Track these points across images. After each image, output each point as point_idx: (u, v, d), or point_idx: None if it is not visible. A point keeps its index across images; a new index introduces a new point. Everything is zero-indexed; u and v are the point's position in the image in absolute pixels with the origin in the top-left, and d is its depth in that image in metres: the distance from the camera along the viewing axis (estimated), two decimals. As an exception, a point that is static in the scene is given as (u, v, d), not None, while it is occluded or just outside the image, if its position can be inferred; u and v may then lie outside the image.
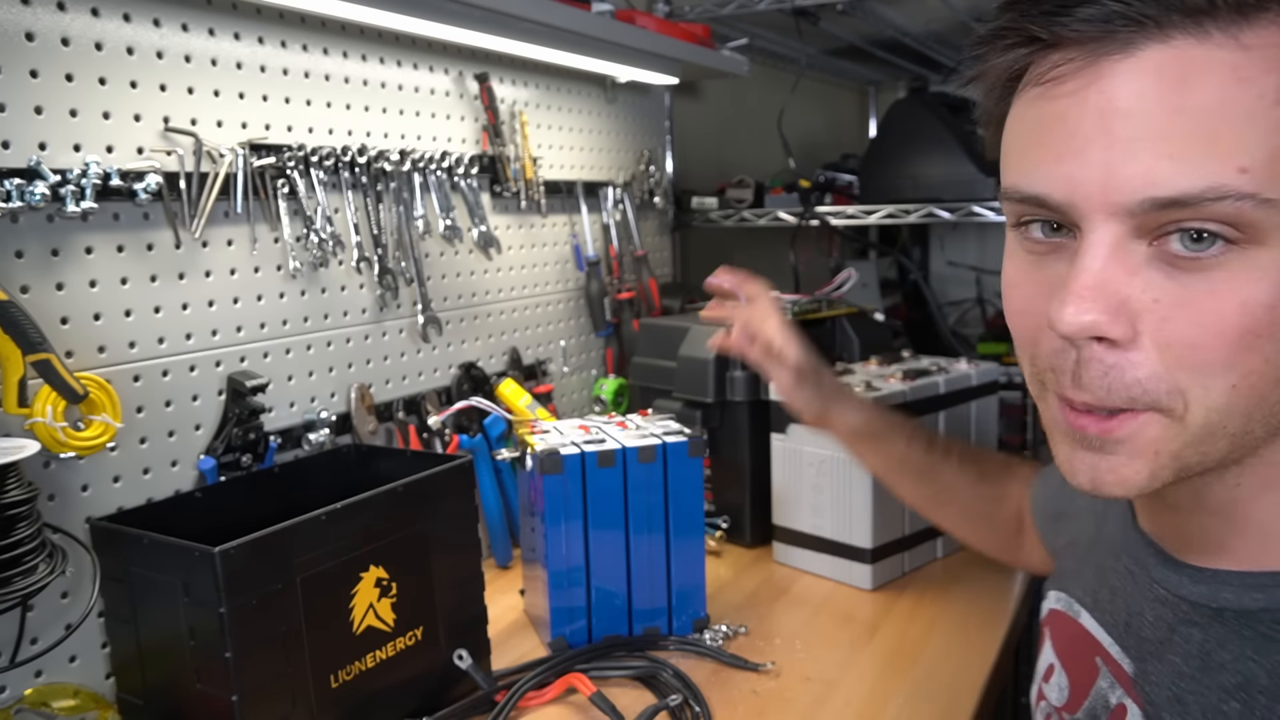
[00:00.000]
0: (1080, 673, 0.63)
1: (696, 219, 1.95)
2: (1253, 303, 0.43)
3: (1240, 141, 0.42)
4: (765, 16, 1.82)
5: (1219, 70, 0.42)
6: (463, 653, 0.94)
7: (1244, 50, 0.42)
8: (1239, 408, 0.46)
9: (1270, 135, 0.42)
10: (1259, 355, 0.44)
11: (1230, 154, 0.42)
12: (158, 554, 0.80)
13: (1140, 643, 0.57)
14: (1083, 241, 0.46)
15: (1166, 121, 0.43)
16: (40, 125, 0.87)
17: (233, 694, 0.76)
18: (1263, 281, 0.43)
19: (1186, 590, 0.55)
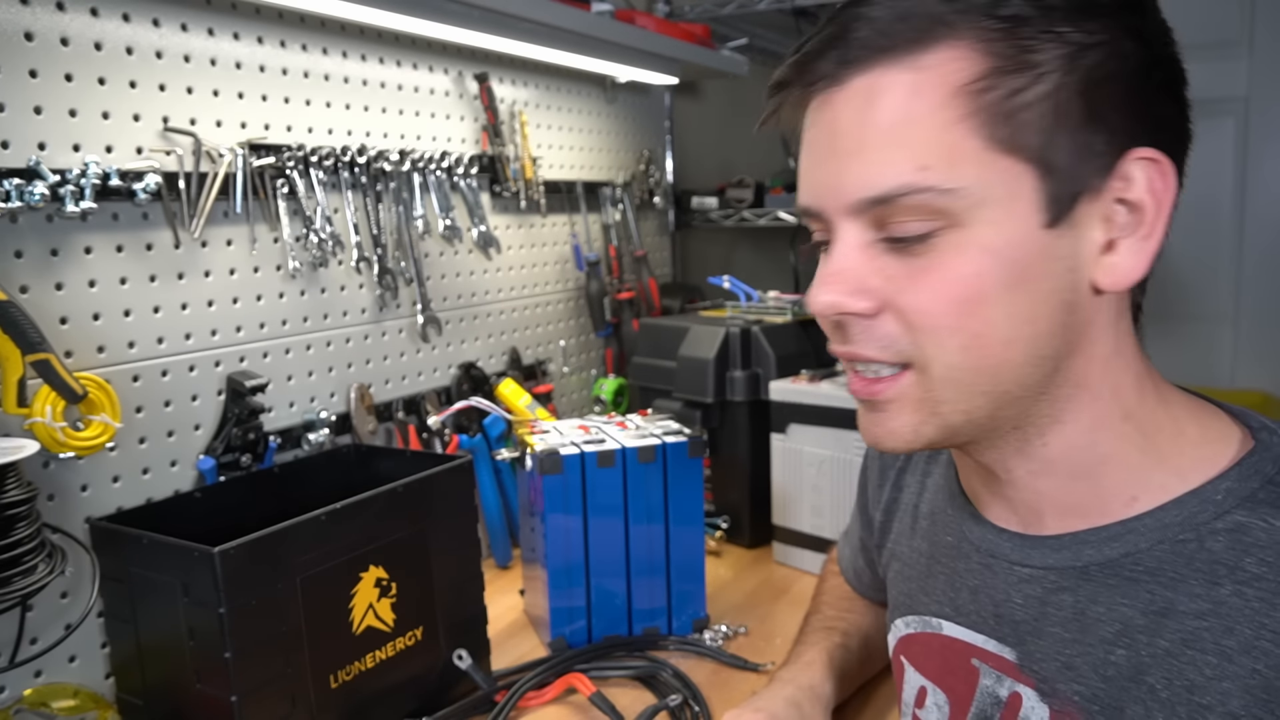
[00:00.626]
0: (958, 683, 0.64)
1: (696, 219, 1.94)
2: (962, 273, 0.52)
3: (919, 145, 0.51)
4: (765, 16, 1.82)
5: (899, 88, 0.52)
6: (462, 653, 0.94)
7: (920, 71, 0.51)
8: (976, 365, 0.53)
9: (941, 135, 0.51)
10: (980, 318, 0.52)
11: (913, 156, 0.52)
12: (157, 554, 0.80)
13: (1015, 627, 0.59)
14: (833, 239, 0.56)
15: (866, 135, 0.53)
16: (40, 125, 0.87)
17: (232, 694, 0.76)
18: (966, 255, 0.52)
19: (1050, 559, 0.58)
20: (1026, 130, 0.51)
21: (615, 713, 0.90)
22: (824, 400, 1.21)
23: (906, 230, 0.53)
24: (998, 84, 0.50)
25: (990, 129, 0.51)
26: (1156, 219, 0.52)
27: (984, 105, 0.50)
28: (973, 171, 0.51)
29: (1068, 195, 0.51)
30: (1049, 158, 0.51)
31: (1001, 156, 0.51)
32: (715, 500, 1.38)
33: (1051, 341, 0.53)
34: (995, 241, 0.52)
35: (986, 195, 0.51)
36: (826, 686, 0.85)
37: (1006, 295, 0.52)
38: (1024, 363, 0.54)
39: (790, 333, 1.38)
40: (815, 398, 1.22)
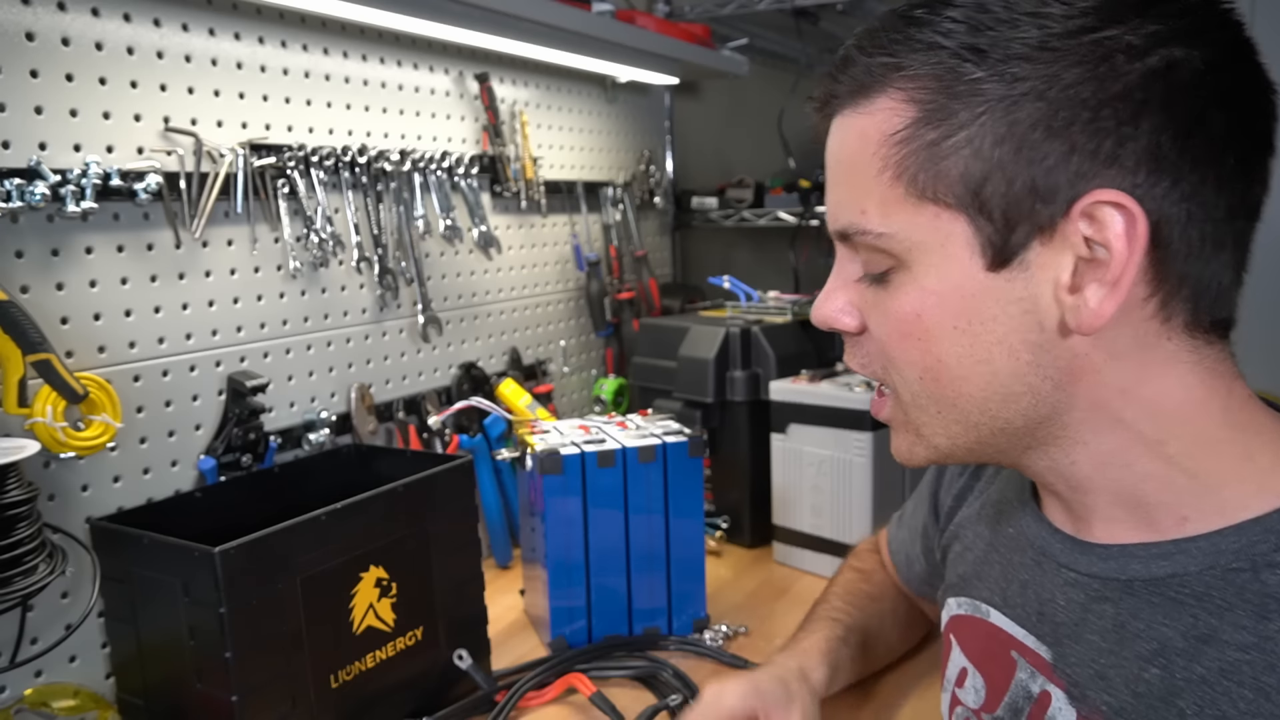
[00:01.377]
0: (996, 670, 0.64)
1: (696, 219, 1.95)
2: (902, 311, 0.55)
3: (860, 189, 0.55)
4: (765, 16, 1.82)
5: (854, 132, 0.55)
6: (463, 653, 0.94)
7: (870, 116, 0.54)
8: (935, 396, 0.56)
9: (872, 182, 0.54)
10: (930, 355, 0.55)
11: (857, 199, 0.55)
12: (158, 554, 0.80)
13: (1055, 628, 0.60)
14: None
15: (833, 173, 0.58)
16: (40, 125, 0.87)
17: (233, 694, 0.76)
18: (907, 295, 0.55)
19: (1096, 568, 0.58)
20: (949, 179, 0.51)
21: (615, 713, 0.90)
22: (824, 400, 1.21)
23: (869, 264, 0.57)
24: (918, 134, 0.52)
25: (911, 178, 0.52)
26: (1126, 264, 0.49)
27: (905, 155, 0.52)
28: (901, 218, 0.53)
29: (1008, 239, 0.51)
30: (979, 203, 0.51)
31: (926, 204, 0.52)
32: (715, 500, 1.38)
33: (1020, 380, 0.53)
34: (935, 283, 0.53)
35: (919, 240, 0.53)
36: (818, 674, 0.85)
37: (952, 334, 0.54)
38: (986, 398, 0.55)
39: (790, 333, 1.38)
40: (815, 398, 1.22)
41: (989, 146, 0.50)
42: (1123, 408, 0.54)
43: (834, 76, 0.56)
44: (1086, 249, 0.50)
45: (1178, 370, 0.53)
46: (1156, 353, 0.53)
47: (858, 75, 0.54)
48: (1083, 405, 0.54)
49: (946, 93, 0.51)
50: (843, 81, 0.55)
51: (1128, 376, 0.53)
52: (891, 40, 0.53)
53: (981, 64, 0.50)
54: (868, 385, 1.20)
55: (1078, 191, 0.49)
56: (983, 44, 0.50)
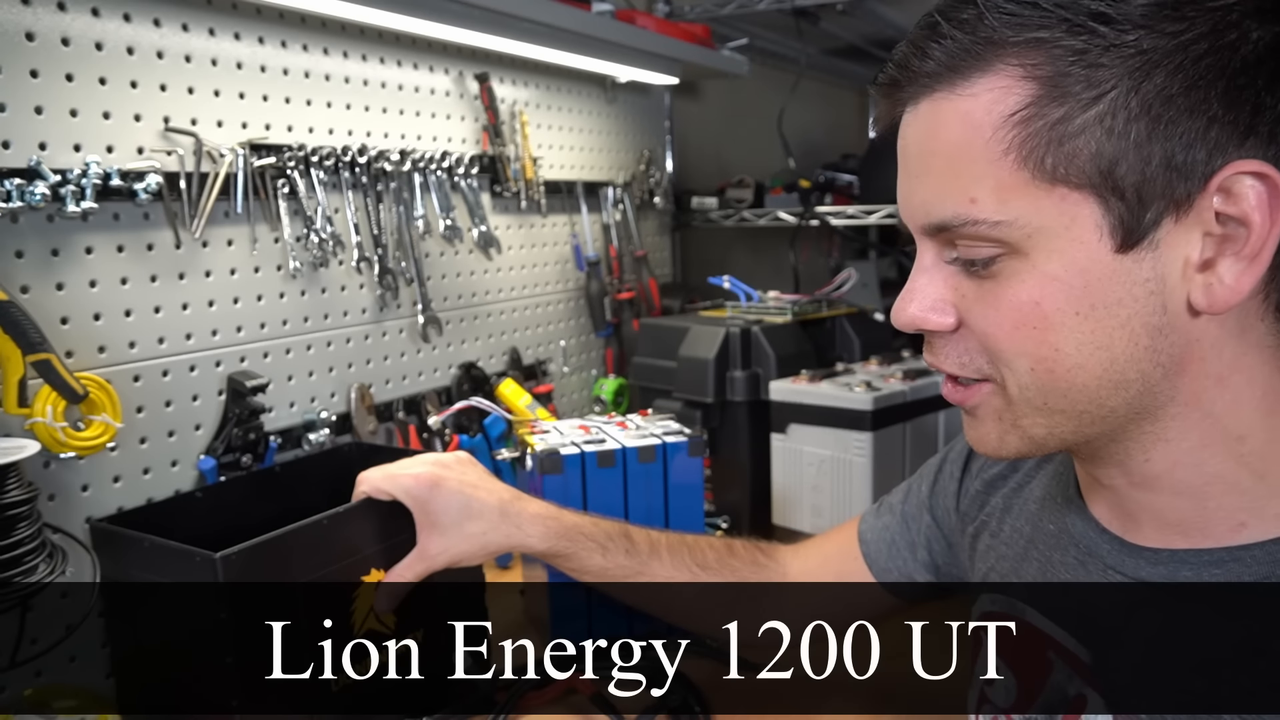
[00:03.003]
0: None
1: (696, 219, 1.95)
2: (1020, 300, 0.52)
3: (971, 176, 0.51)
4: (765, 16, 1.82)
5: (956, 117, 0.51)
6: (463, 653, 0.94)
7: (974, 98, 0.50)
8: (1047, 387, 0.53)
9: (990, 166, 0.50)
10: (1046, 344, 0.52)
11: (965, 188, 0.51)
12: (159, 557, 0.79)
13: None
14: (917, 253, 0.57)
15: (925, 163, 0.54)
16: (40, 125, 0.87)
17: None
18: (1025, 283, 0.52)
19: (1145, 572, 0.56)
20: (1079, 158, 0.48)
21: (615, 713, 0.90)
22: (824, 400, 1.21)
23: (971, 255, 0.53)
24: (1043, 112, 0.49)
25: (1037, 159, 0.49)
26: (1267, 238, 0.47)
27: (1029, 135, 0.49)
28: (1023, 203, 0.50)
29: (1142, 218, 0.49)
30: (1111, 183, 0.48)
31: (1053, 186, 0.49)
32: (715, 500, 1.38)
33: (1135, 365, 0.52)
34: (1057, 269, 0.51)
35: (1042, 225, 0.50)
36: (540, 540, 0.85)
37: (1074, 321, 0.51)
38: (1099, 386, 0.52)
39: (790, 333, 1.38)
40: (815, 398, 1.22)
41: (1123, 123, 0.47)
42: (1216, 398, 0.52)
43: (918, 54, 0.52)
44: (1217, 225, 0.48)
45: (1264, 356, 0.52)
46: (1251, 335, 0.52)
47: (953, 52, 0.50)
48: (1181, 398, 0.53)
49: (1068, 67, 0.48)
50: (934, 59, 0.51)
51: (1227, 362, 0.52)
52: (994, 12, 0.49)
53: (1103, 35, 0.47)
54: (868, 385, 1.20)
55: (1215, 165, 0.47)
56: (1102, 9, 0.47)
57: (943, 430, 1.27)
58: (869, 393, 1.18)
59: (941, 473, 0.82)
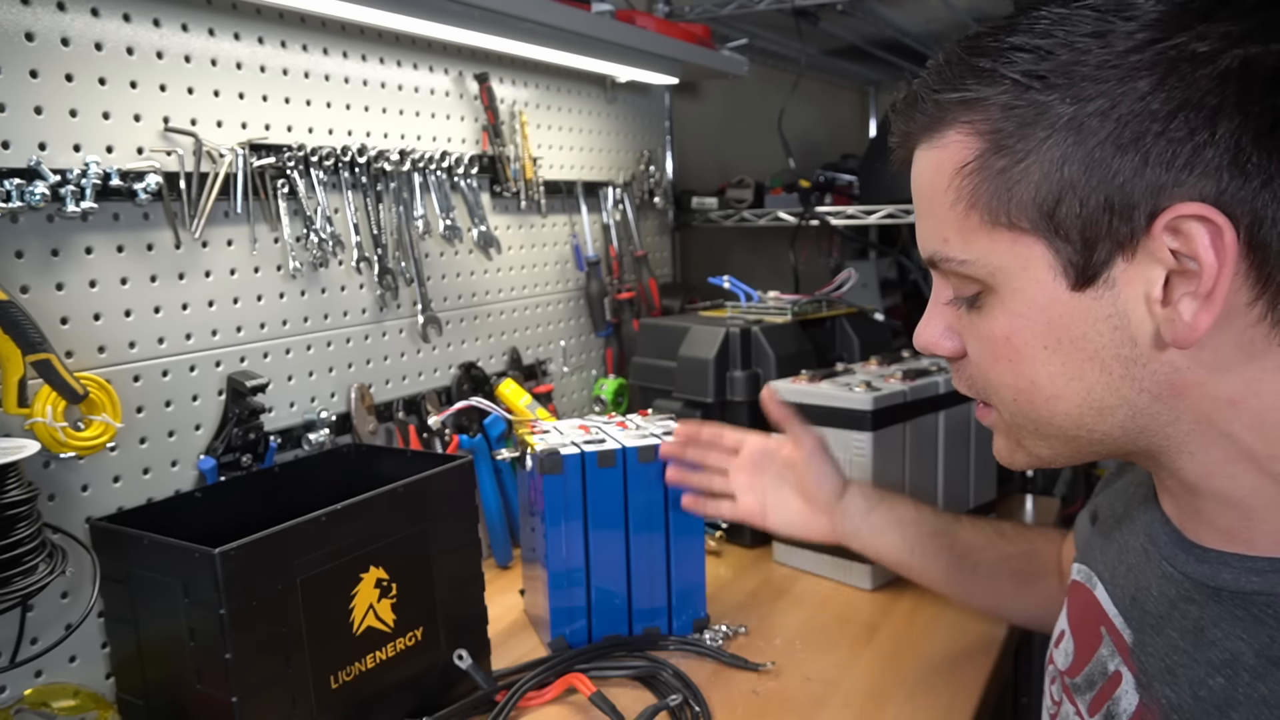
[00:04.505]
0: (1086, 640, 0.66)
1: (696, 219, 1.95)
2: (992, 334, 0.57)
3: (940, 219, 0.56)
4: (765, 16, 1.82)
5: (930, 166, 0.56)
6: (462, 653, 0.94)
7: (943, 149, 0.55)
8: (1031, 414, 0.57)
9: (949, 213, 0.55)
10: (1022, 376, 0.56)
11: (938, 229, 0.57)
12: (158, 555, 0.80)
13: (1142, 615, 0.60)
14: None
15: (918, 203, 0.59)
16: (40, 125, 0.87)
17: (232, 695, 0.76)
18: (995, 319, 0.56)
19: (1190, 568, 0.58)
20: (1021, 203, 0.52)
21: (615, 713, 0.90)
22: (824, 400, 1.21)
23: (959, 290, 0.58)
24: (987, 164, 0.53)
25: (985, 206, 0.54)
26: (1217, 276, 0.48)
27: (976, 185, 0.54)
28: (982, 245, 0.55)
29: (1090, 258, 0.51)
30: (1054, 225, 0.51)
31: (1001, 230, 0.53)
32: (715, 500, 1.38)
33: (1115, 394, 0.54)
34: (1021, 307, 0.55)
35: (1000, 265, 0.54)
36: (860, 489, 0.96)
37: (1043, 354, 0.55)
38: (1081, 414, 0.55)
39: (790, 333, 1.38)
40: (815, 398, 1.22)
41: (1057, 168, 0.50)
42: (1230, 420, 0.53)
43: (907, 115, 0.58)
44: (1175, 261, 0.49)
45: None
46: (1266, 360, 0.51)
47: (927, 112, 0.56)
48: (1188, 418, 0.53)
49: (1013, 121, 0.52)
50: (915, 119, 0.57)
51: (1235, 388, 0.52)
52: (956, 75, 0.54)
53: (1046, 89, 0.50)
54: (868, 386, 1.20)
55: (1158, 205, 0.49)
56: (1045, 69, 0.50)
57: (943, 430, 1.27)
58: (869, 393, 1.18)
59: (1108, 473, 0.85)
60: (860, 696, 0.95)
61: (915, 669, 0.99)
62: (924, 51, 2.17)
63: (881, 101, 2.88)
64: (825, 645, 1.05)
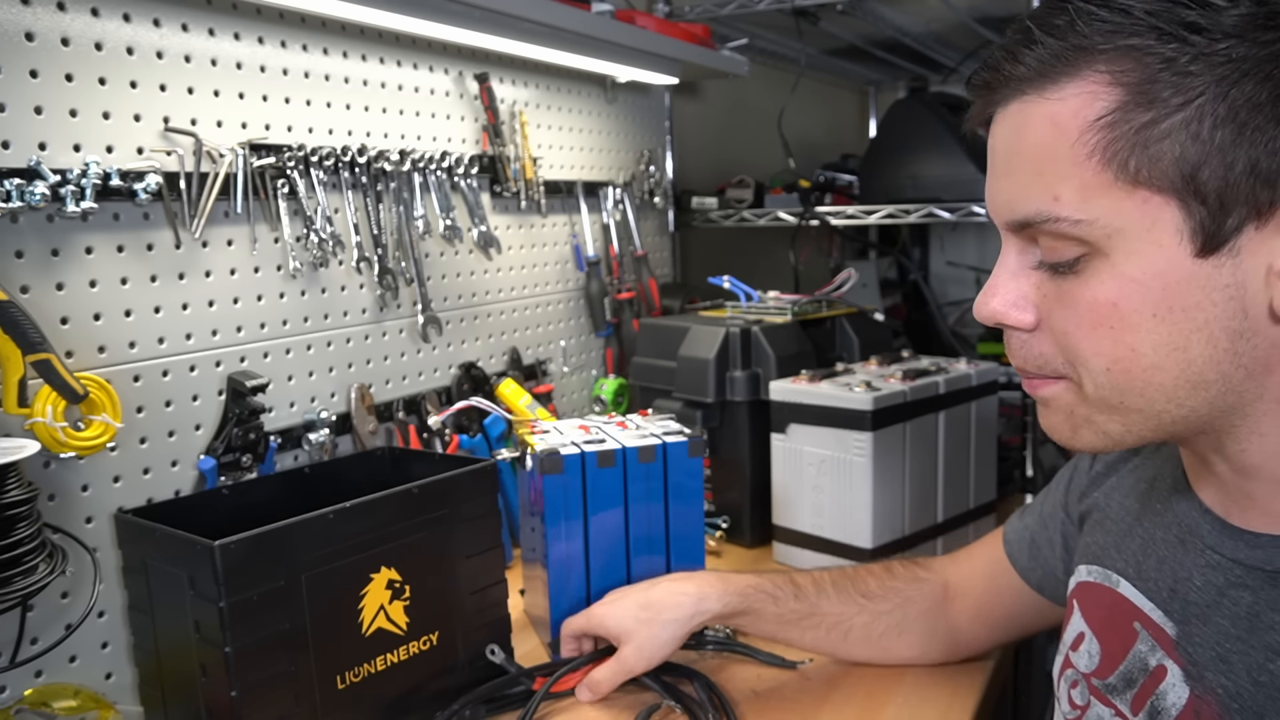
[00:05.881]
0: (1115, 639, 0.65)
1: (696, 219, 1.94)
2: (1099, 300, 0.53)
3: (1055, 175, 0.53)
4: (765, 16, 1.82)
5: (1042, 120, 0.53)
6: (494, 647, 0.95)
7: (1061, 102, 0.52)
8: (1123, 387, 0.54)
9: (1075, 167, 0.52)
10: (1122, 345, 0.53)
11: (1049, 186, 0.53)
12: (168, 547, 0.80)
13: (1185, 606, 0.60)
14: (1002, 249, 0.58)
15: (1011, 162, 0.55)
16: (40, 125, 0.87)
17: (232, 689, 0.76)
18: (1104, 283, 0.53)
19: (1243, 554, 0.57)
20: (1163, 161, 0.50)
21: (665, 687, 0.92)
22: (824, 400, 1.21)
23: (1054, 254, 0.55)
24: (1129, 117, 0.50)
25: (1121, 162, 0.51)
26: None
27: (1114, 139, 0.50)
28: (1105, 204, 0.52)
29: (1223, 224, 0.50)
30: (1194, 187, 0.50)
31: (1136, 189, 0.51)
32: (715, 500, 1.38)
33: (1215, 367, 0.52)
34: (1135, 271, 0.52)
35: (1122, 226, 0.52)
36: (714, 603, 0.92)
37: (1151, 323, 0.52)
38: (1176, 386, 0.53)
39: (790, 333, 1.38)
40: (815, 398, 1.22)
41: (1208, 129, 0.49)
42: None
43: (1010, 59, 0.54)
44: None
45: None
46: None
47: (1043, 58, 0.52)
48: (1271, 395, 0.54)
49: (1155, 74, 0.49)
50: (1026, 64, 0.53)
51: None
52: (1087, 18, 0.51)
53: (1193, 44, 0.48)
54: (868, 386, 1.20)
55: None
56: (1191, 19, 0.48)
57: (943, 430, 1.27)
58: (869, 393, 1.18)
59: (1077, 469, 0.83)
60: (860, 696, 0.95)
61: (915, 669, 0.99)
62: (924, 51, 2.17)
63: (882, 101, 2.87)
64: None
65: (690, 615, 0.93)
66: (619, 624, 0.94)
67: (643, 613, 0.93)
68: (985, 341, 2.07)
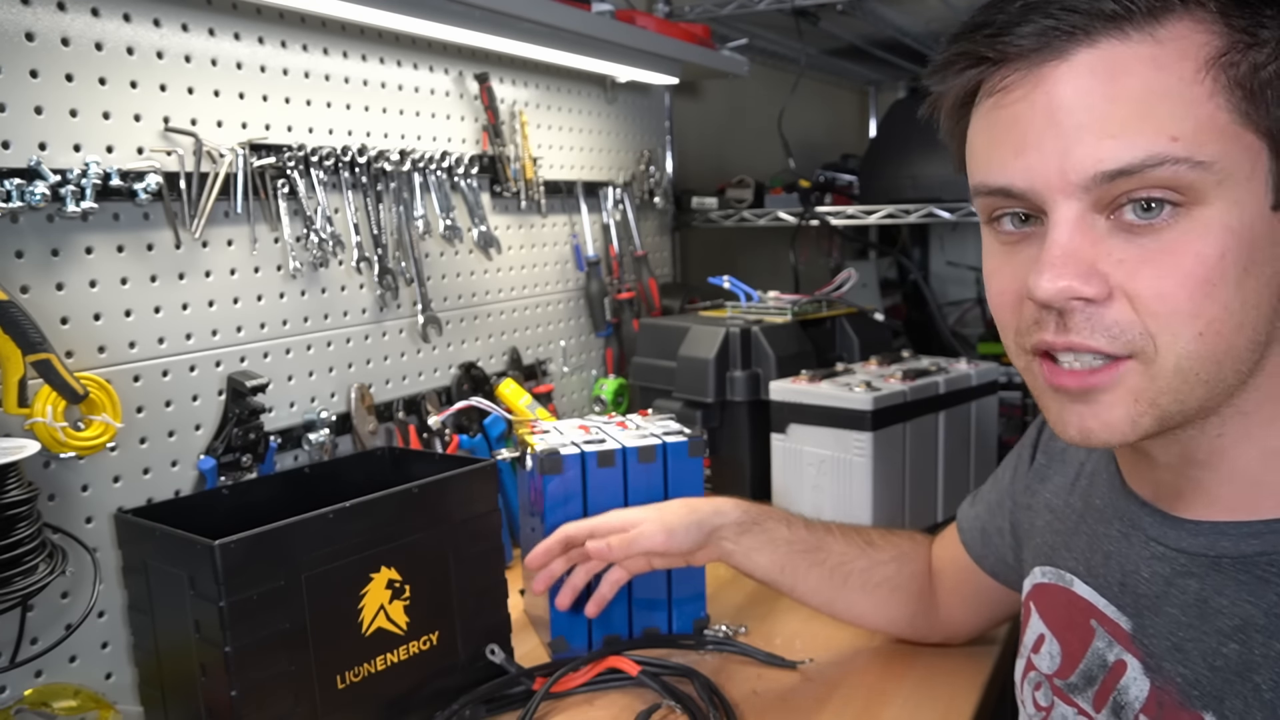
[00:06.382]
0: (1074, 638, 0.66)
1: (696, 219, 1.95)
2: (1205, 253, 0.50)
3: (1169, 116, 0.49)
4: (765, 16, 1.82)
5: (1141, 62, 0.50)
6: (494, 647, 0.95)
7: (1159, 44, 0.50)
8: (1207, 353, 0.51)
9: (1192, 108, 0.49)
10: (1218, 303, 0.50)
11: (1162, 127, 0.49)
12: (168, 546, 0.80)
13: (1137, 599, 0.60)
14: (1049, 221, 0.53)
15: (1104, 109, 0.50)
16: (40, 125, 0.87)
17: (232, 689, 0.76)
18: (1210, 235, 0.50)
19: (1185, 543, 0.58)
20: (1267, 105, 0.49)
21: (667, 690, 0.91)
22: (824, 400, 1.21)
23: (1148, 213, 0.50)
24: (1243, 58, 0.49)
25: (1237, 103, 0.49)
26: None
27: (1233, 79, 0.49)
28: (1220, 146, 0.49)
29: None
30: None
31: (1246, 131, 0.50)
32: (715, 500, 1.38)
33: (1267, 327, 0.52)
34: (1235, 221, 0.50)
35: (1233, 171, 0.50)
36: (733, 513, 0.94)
37: (1242, 278, 0.50)
38: (1247, 347, 0.52)
39: (790, 333, 1.38)
40: (815, 398, 1.22)
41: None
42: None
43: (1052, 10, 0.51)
44: None
45: None
46: None
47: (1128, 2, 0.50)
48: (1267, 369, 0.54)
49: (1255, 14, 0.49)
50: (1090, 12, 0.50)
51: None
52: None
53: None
54: (868, 385, 1.20)
55: None
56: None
57: (943, 430, 1.27)
58: (869, 393, 1.18)
59: (1020, 458, 0.84)
60: (860, 696, 0.95)
61: (915, 669, 0.99)
62: (924, 52, 2.17)
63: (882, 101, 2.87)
64: (825, 645, 1.05)
65: (711, 513, 0.93)
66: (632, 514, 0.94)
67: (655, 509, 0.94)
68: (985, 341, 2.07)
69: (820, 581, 0.96)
